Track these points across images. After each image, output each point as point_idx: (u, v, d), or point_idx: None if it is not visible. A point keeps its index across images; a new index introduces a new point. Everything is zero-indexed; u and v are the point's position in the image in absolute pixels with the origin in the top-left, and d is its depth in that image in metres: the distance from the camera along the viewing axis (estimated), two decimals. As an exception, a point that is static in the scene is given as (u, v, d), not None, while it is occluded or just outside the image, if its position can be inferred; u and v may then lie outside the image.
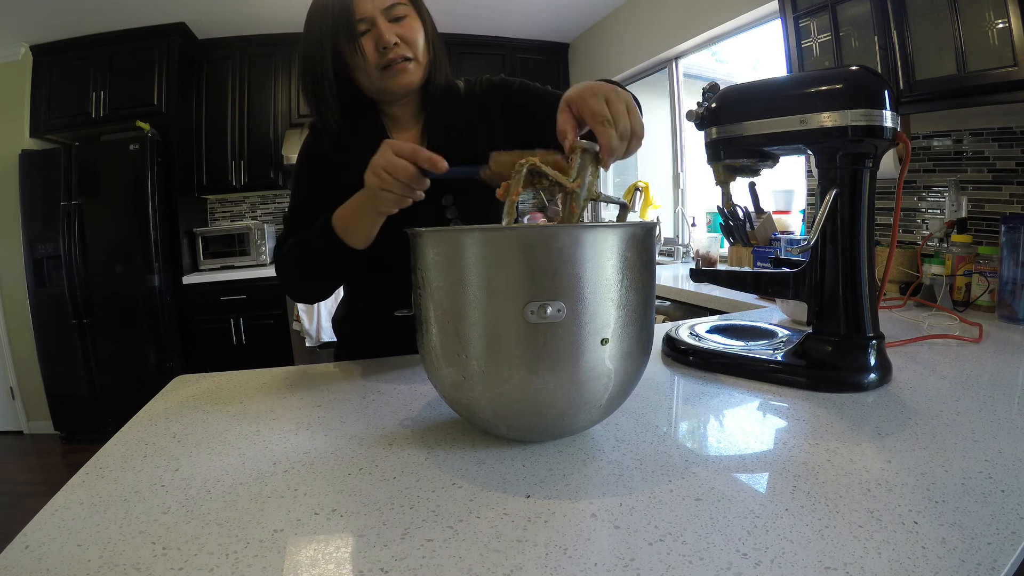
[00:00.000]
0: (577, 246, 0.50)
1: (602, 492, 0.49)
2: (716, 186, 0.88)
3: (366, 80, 0.84)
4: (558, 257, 0.49)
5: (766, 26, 2.31)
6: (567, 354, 0.51)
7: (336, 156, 0.89)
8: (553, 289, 0.49)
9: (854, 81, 0.72)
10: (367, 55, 0.81)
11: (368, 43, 0.81)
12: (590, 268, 0.50)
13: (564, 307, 0.49)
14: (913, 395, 0.70)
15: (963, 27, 1.22)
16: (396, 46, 0.81)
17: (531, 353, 0.51)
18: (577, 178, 0.61)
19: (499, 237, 0.51)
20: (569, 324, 0.50)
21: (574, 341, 0.51)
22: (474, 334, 0.52)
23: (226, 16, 3.01)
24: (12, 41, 2.97)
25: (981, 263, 1.17)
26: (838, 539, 0.41)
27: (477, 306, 0.51)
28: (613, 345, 0.52)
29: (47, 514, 0.49)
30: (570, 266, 0.50)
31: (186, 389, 0.83)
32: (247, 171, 3.30)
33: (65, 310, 2.88)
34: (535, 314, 0.49)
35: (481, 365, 0.52)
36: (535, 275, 0.49)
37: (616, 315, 0.52)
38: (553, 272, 0.49)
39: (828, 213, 0.75)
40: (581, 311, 0.50)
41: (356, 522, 0.46)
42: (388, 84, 0.84)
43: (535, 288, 0.49)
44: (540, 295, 0.49)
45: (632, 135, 0.62)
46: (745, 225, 2.22)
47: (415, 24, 0.84)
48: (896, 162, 1.41)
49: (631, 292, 0.53)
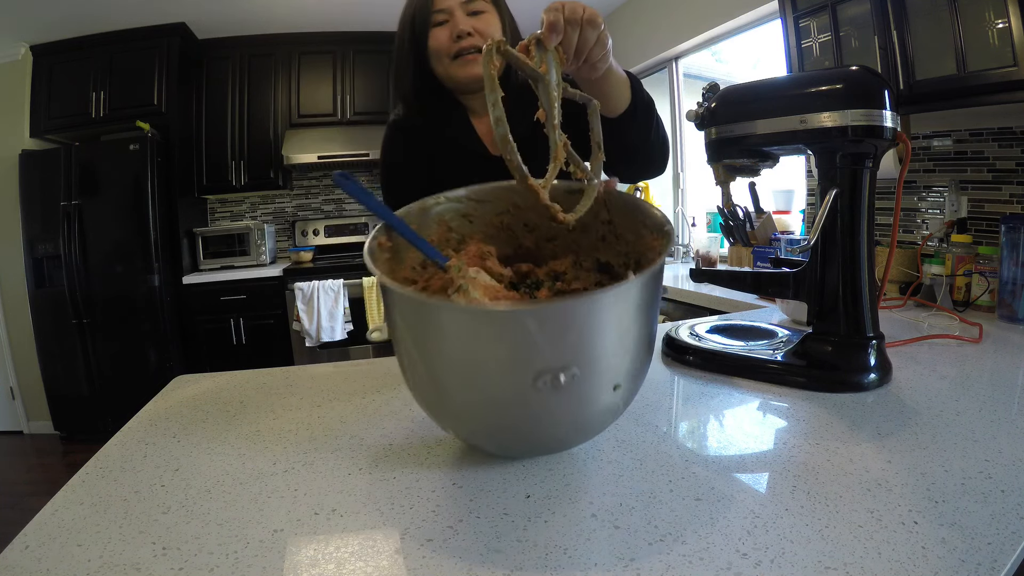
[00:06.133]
0: (593, 314, 0.45)
1: (602, 492, 0.49)
2: (716, 186, 0.87)
3: (440, 68, 0.90)
4: (571, 328, 0.44)
5: (766, 26, 2.31)
6: (578, 407, 0.48)
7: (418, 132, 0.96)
8: (565, 358, 0.44)
9: (854, 81, 0.72)
10: (439, 42, 0.87)
11: (443, 32, 0.87)
12: (606, 330, 0.46)
13: (578, 370, 0.44)
14: (913, 395, 0.70)
15: (963, 27, 1.22)
16: (470, 36, 0.86)
17: (539, 412, 0.47)
18: (542, 65, 0.56)
19: (505, 316, 0.44)
20: (582, 382, 0.45)
21: (586, 395, 0.47)
22: (473, 401, 0.49)
23: (226, 16, 3.01)
24: (12, 41, 2.96)
25: (981, 263, 1.17)
26: (838, 539, 0.41)
27: (477, 381, 0.47)
28: (625, 385, 0.49)
29: (47, 514, 0.49)
30: (584, 333, 0.44)
31: (186, 389, 0.83)
32: (247, 171, 3.30)
33: (65, 310, 2.87)
34: (547, 384, 0.44)
35: (480, 424, 0.51)
36: (544, 350, 0.43)
37: (629, 360, 0.49)
38: (564, 343, 0.44)
39: (828, 213, 0.75)
40: (593, 368, 0.46)
41: (356, 522, 0.46)
42: (458, 72, 0.88)
43: (545, 360, 0.43)
44: (551, 366, 0.44)
45: (586, 21, 0.57)
46: (745, 225, 2.21)
47: (493, 20, 0.89)
48: (896, 162, 1.41)
49: (644, 330, 0.49)
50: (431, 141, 0.96)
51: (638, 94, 0.78)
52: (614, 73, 0.71)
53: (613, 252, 0.64)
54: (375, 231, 0.58)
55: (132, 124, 2.92)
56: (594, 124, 0.61)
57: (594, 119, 0.61)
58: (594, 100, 0.61)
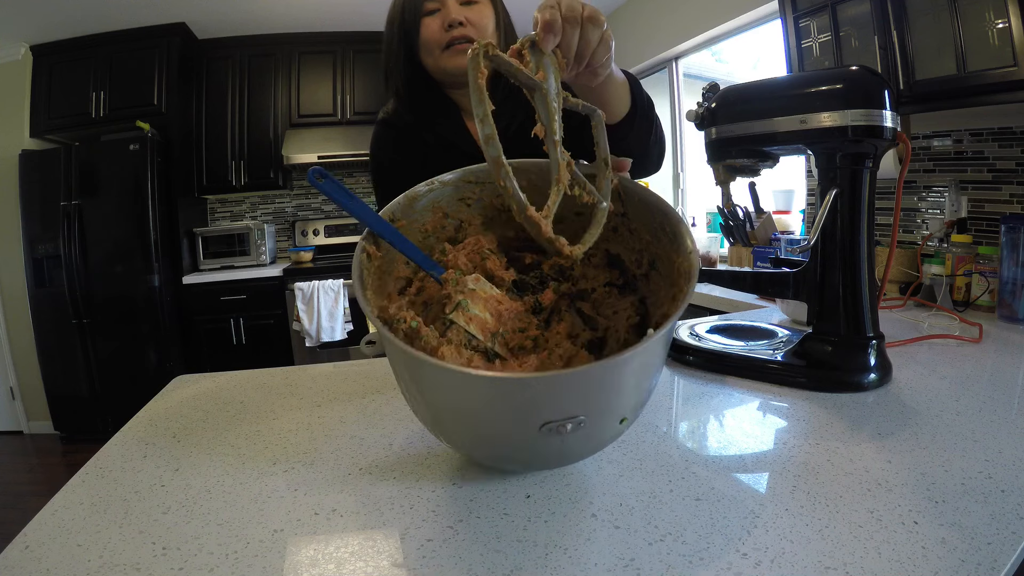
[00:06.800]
0: (608, 375, 0.42)
1: (602, 492, 0.49)
2: (716, 186, 0.87)
3: (430, 60, 0.86)
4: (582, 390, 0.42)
5: (766, 26, 2.31)
6: (583, 443, 0.48)
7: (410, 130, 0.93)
8: (573, 412, 0.41)
9: (854, 81, 0.72)
10: (430, 31, 0.84)
11: (435, 22, 0.84)
12: (620, 385, 0.44)
13: (585, 418, 0.42)
14: (913, 395, 0.70)
15: (963, 27, 1.22)
16: (461, 25, 0.83)
17: (542, 450, 0.46)
18: (538, 71, 0.50)
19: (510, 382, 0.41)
20: (589, 426, 0.43)
21: (593, 434, 0.46)
22: (473, 437, 0.48)
23: (226, 16, 3.01)
24: (12, 41, 2.96)
25: (981, 263, 1.17)
26: (838, 539, 0.41)
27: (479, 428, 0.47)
28: (631, 416, 0.48)
29: (47, 514, 0.49)
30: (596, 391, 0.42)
31: (186, 389, 0.83)
32: (247, 171, 3.30)
33: (65, 310, 2.88)
34: (553, 431, 0.42)
35: (480, 453, 0.51)
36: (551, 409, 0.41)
37: (638, 398, 0.47)
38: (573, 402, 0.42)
39: (828, 213, 0.75)
40: (602, 414, 0.44)
41: (356, 522, 0.46)
42: (448, 63, 0.85)
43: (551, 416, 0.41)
44: (557, 419, 0.41)
45: (587, 20, 0.51)
46: (745, 225, 2.20)
47: (486, 11, 0.86)
48: (896, 162, 1.41)
49: (656, 370, 0.47)
50: (423, 140, 0.92)
51: (638, 97, 0.73)
52: (614, 77, 0.66)
53: (625, 246, 0.60)
54: (362, 238, 0.53)
55: (132, 124, 2.92)
56: (600, 138, 0.55)
57: (599, 132, 0.55)
58: (598, 110, 0.55)
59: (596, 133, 0.55)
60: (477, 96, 0.46)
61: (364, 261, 0.51)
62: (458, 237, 0.61)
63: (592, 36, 0.52)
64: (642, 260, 0.58)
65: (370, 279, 0.52)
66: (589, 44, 0.52)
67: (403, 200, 0.58)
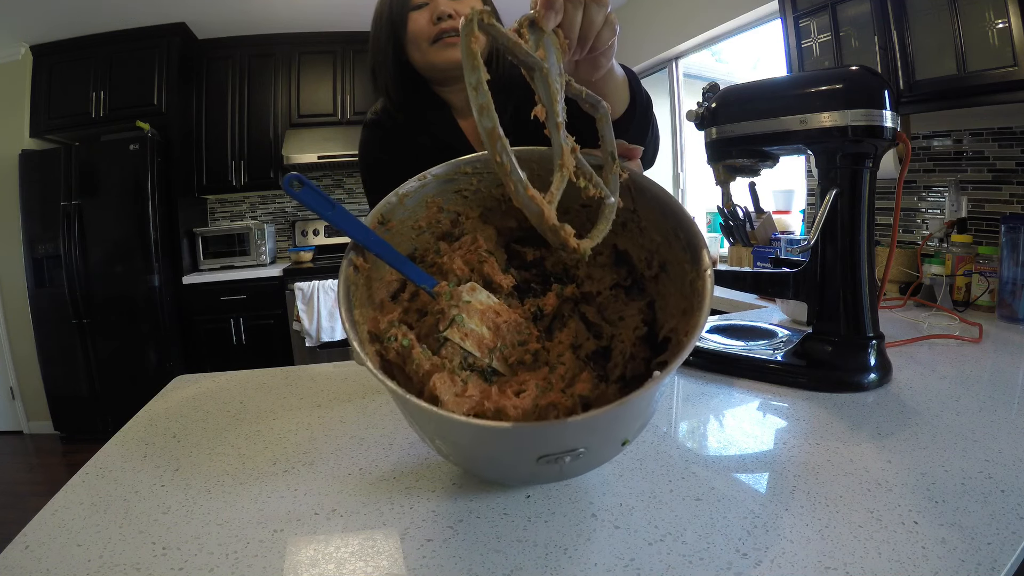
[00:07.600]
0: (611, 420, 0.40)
1: (602, 492, 0.49)
2: (716, 186, 0.87)
3: (418, 55, 0.84)
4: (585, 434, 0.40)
5: (766, 26, 2.31)
6: (584, 468, 0.48)
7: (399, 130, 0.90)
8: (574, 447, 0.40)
9: (854, 81, 0.72)
10: (418, 25, 0.82)
11: (423, 15, 0.82)
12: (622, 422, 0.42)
13: (585, 450, 0.40)
14: (913, 395, 0.70)
15: (963, 27, 1.22)
16: (451, 18, 0.80)
17: (544, 476, 0.46)
18: (538, 50, 0.45)
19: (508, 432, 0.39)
20: (589, 455, 0.42)
21: (593, 461, 0.46)
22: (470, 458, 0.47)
23: (226, 16, 3.01)
24: (12, 41, 2.96)
25: (981, 263, 1.17)
26: (838, 539, 0.41)
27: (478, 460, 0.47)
28: (632, 437, 0.46)
29: (47, 514, 0.49)
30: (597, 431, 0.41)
31: (186, 389, 0.83)
32: (247, 171, 3.30)
33: (65, 310, 2.87)
34: (551, 462, 0.40)
35: (479, 473, 0.51)
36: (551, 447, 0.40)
37: (639, 422, 0.45)
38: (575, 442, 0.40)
39: (828, 213, 0.75)
40: (602, 443, 0.43)
41: (356, 522, 0.46)
42: (436, 58, 0.82)
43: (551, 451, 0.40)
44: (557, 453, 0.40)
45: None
46: (745, 225, 2.21)
47: (476, 4, 0.83)
48: (896, 162, 1.41)
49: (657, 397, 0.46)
50: (413, 141, 0.90)
51: (638, 95, 0.70)
52: (615, 73, 0.62)
53: (635, 243, 0.56)
54: (347, 250, 0.49)
55: (132, 124, 2.92)
56: (606, 132, 0.51)
57: (605, 126, 0.51)
58: (603, 102, 0.50)
59: (602, 127, 0.51)
60: (470, 62, 0.40)
61: (351, 276, 0.48)
62: (455, 232, 0.58)
63: (596, 16, 0.48)
64: (652, 261, 0.55)
65: (358, 294, 0.49)
66: (593, 24, 0.48)
67: (393, 199, 0.54)
